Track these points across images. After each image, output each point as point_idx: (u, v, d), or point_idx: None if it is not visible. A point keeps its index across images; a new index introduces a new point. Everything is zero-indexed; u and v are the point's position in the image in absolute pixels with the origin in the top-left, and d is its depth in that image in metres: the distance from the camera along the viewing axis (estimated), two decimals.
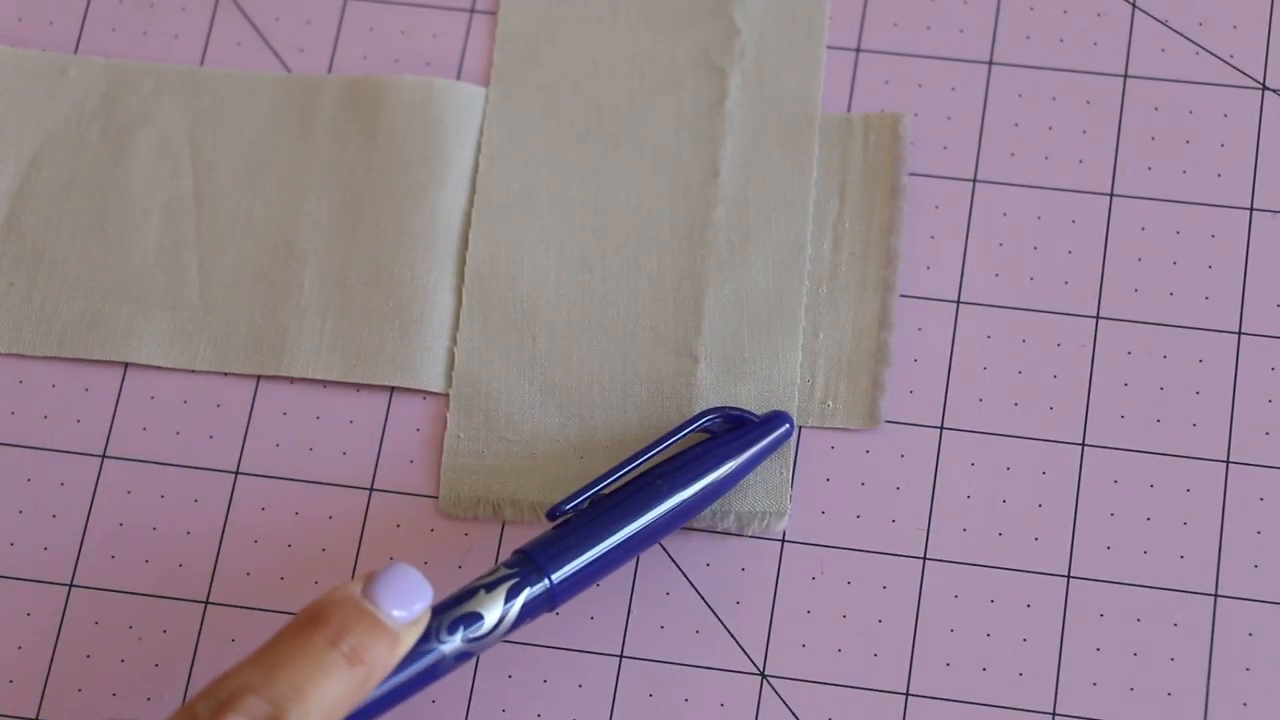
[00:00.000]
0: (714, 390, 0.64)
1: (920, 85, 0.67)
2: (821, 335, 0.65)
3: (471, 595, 0.57)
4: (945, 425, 0.64)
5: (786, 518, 0.63)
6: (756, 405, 0.64)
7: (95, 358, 0.66)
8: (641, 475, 0.61)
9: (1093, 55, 0.67)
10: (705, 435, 0.62)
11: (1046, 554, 0.62)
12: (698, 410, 0.63)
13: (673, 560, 0.63)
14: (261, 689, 0.50)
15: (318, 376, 0.65)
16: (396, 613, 0.53)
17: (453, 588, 0.60)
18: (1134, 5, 0.68)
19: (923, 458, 0.63)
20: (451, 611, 0.57)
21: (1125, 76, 0.67)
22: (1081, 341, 0.64)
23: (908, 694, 0.61)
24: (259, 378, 0.66)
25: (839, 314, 0.65)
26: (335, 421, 0.65)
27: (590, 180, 0.67)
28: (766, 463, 0.63)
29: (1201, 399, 0.63)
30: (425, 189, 0.67)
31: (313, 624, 0.52)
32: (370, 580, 0.54)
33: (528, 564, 0.58)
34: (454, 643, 0.56)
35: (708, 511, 0.62)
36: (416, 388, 0.65)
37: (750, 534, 0.63)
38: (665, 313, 0.65)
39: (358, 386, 0.65)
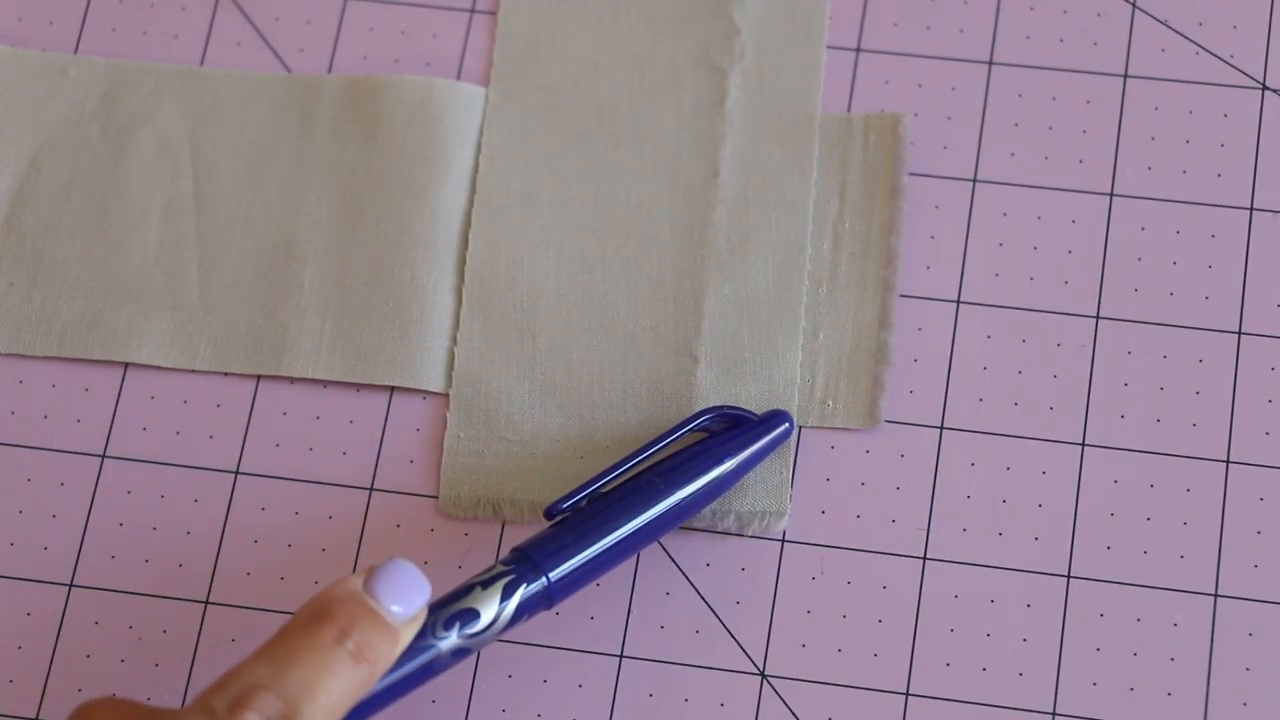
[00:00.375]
0: (714, 390, 0.64)
1: (920, 85, 0.67)
2: (821, 335, 0.65)
3: (467, 592, 0.57)
4: (945, 425, 0.64)
5: (786, 518, 0.63)
6: (756, 405, 0.64)
7: (95, 358, 0.66)
8: (640, 474, 0.61)
9: (1093, 55, 0.67)
10: (704, 434, 0.62)
11: (1046, 554, 0.62)
12: (697, 410, 0.63)
13: (673, 560, 0.63)
14: (274, 685, 0.50)
15: (318, 376, 0.65)
16: (396, 608, 0.53)
17: (452, 588, 0.60)
18: (1134, 5, 0.68)
19: (923, 458, 0.63)
20: (447, 608, 0.57)
21: (1125, 76, 0.67)
22: (1081, 341, 0.64)
23: (908, 694, 0.61)
24: (259, 378, 0.66)
25: (839, 314, 0.65)
26: (335, 421, 0.65)
27: (590, 180, 0.67)
28: (766, 462, 0.63)
29: (1201, 399, 0.63)
30: (425, 189, 0.67)
31: (319, 620, 0.52)
32: (371, 575, 0.54)
33: (525, 562, 0.58)
34: (450, 639, 0.56)
35: (707, 511, 0.62)
36: (416, 388, 0.65)
37: (750, 534, 0.63)
38: (665, 313, 0.65)
39: (358, 386, 0.65)
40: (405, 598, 0.54)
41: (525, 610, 0.58)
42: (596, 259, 0.66)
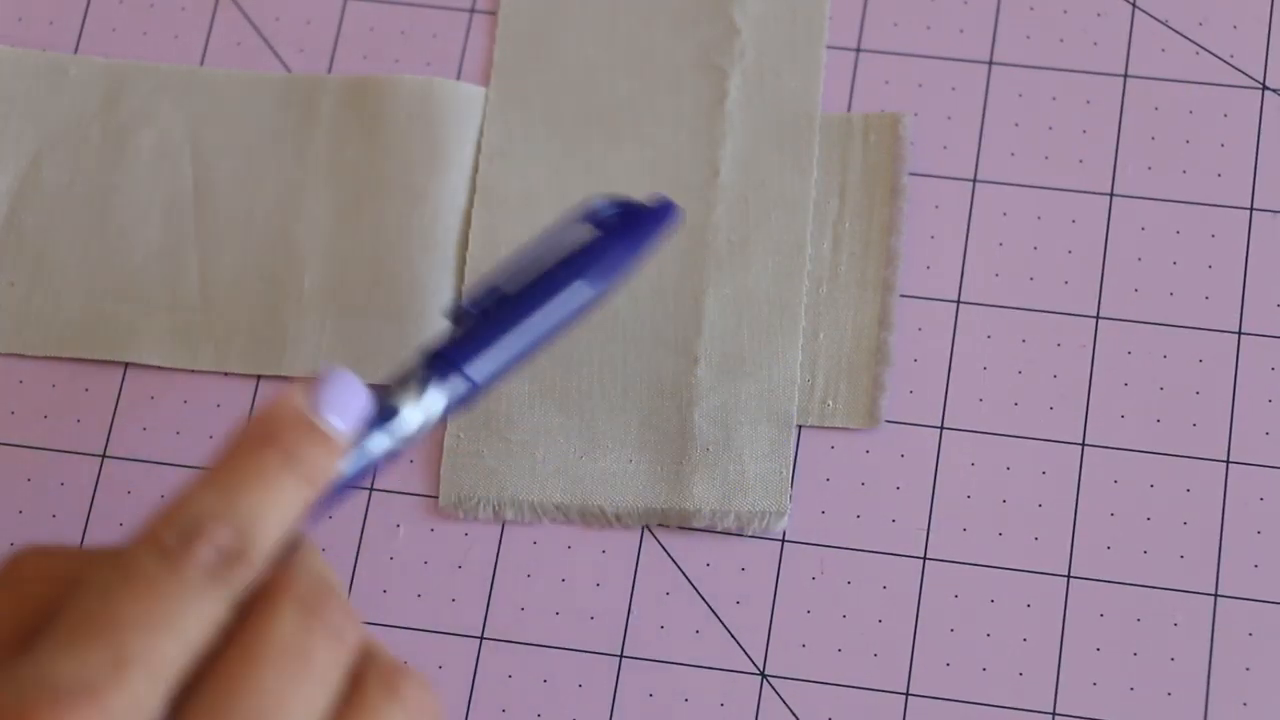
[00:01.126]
0: (714, 390, 0.64)
1: (920, 85, 0.67)
2: (821, 335, 0.65)
3: (388, 396, 0.55)
4: (945, 425, 0.64)
5: (786, 517, 0.63)
6: (756, 405, 0.64)
7: (95, 358, 0.66)
8: (543, 273, 0.59)
9: (1093, 55, 0.67)
10: (591, 229, 0.60)
11: (1046, 554, 0.62)
12: (698, 411, 0.63)
13: (673, 560, 0.63)
14: (225, 515, 0.48)
15: None
16: (338, 424, 0.51)
17: (453, 589, 0.60)
18: (1134, 5, 0.68)
19: (923, 458, 0.63)
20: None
21: (1125, 76, 0.67)
22: (1081, 341, 0.64)
23: (908, 694, 0.61)
24: (259, 378, 0.66)
25: (839, 314, 0.65)
26: None
27: (590, 180, 0.67)
28: (767, 462, 0.63)
29: (1201, 399, 0.63)
30: (425, 189, 0.67)
31: (265, 444, 0.50)
32: (314, 390, 0.52)
33: (440, 360, 0.56)
34: (380, 441, 0.54)
35: (708, 511, 0.63)
36: None
37: (750, 534, 0.63)
38: (665, 313, 0.65)
39: None
40: (347, 412, 0.52)
41: (447, 409, 0.56)
42: None
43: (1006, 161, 0.66)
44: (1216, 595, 0.62)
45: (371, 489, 0.64)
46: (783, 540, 0.63)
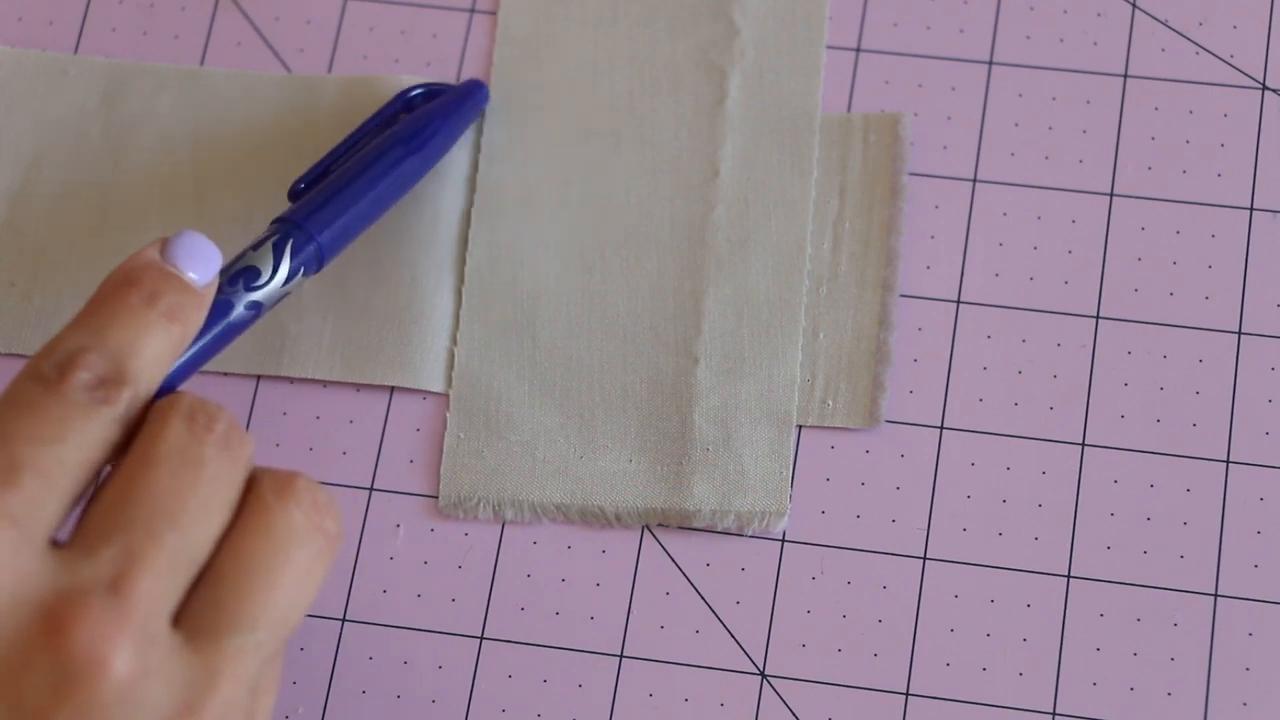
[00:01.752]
0: (714, 390, 0.64)
1: (920, 85, 0.67)
2: (821, 335, 0.65)
3: (243, 256, 0.59)
4: (945, 425, 0.64)
5: (786, 517, 0.63)
6: (756, 405, 0.64)
7: None
8: (368, 148, 0.64)
9: (1093, 55, 0.67)
10: (405, 113, 0.66)
11: (1046, 554, 0.62)
12: (698, 411, 0.64)
13: (673, 560, 0.63)
14: (98, 347, 0.51)
15: (318, 376, 0.65)
16: (193, 275, 0.54)
17: (453, 589, 0.60)
18: (1134, 5, 0.68)
19: (923, 458, 0.63)
20: (230, 269, 0.58)
21: (1125, 76, 0.67)
22: (1081, 341, 0.64)
23: (908, 694, 0.61)
24: (259, 377, 0.66)
25: (839, 314, 0.65)
26: (335, 421, 0.65)
27: (590, 180, 0.67)
28: (767, 462, 0.63)
29: (1201, 399, 0.63)
30: (425, 189, 0.67)
31: (126, 287, 0.53)
32: (165, 245, 0.54)
33: (287, 224, 0.61)
34: (240, 295, 0.58)
35: (708, 511, 0.63)
36: (416, 388, 0.65)
37: (750, 534, 0.63)
38: (665, 313, 0.65)
39: (358, 386, 0.65)
40: (201, 265, 0.54)
41: (299, 267, 0.60)
42: (596, 259, 0.66)
43: (1006, 161, 0.66)
44: (1216, 595, 0.62)
45: (372, 489, 0.64)
46: (783, 540, 0.63)
